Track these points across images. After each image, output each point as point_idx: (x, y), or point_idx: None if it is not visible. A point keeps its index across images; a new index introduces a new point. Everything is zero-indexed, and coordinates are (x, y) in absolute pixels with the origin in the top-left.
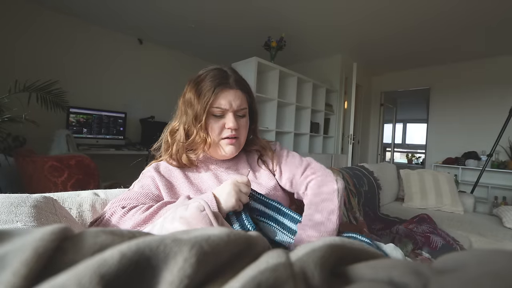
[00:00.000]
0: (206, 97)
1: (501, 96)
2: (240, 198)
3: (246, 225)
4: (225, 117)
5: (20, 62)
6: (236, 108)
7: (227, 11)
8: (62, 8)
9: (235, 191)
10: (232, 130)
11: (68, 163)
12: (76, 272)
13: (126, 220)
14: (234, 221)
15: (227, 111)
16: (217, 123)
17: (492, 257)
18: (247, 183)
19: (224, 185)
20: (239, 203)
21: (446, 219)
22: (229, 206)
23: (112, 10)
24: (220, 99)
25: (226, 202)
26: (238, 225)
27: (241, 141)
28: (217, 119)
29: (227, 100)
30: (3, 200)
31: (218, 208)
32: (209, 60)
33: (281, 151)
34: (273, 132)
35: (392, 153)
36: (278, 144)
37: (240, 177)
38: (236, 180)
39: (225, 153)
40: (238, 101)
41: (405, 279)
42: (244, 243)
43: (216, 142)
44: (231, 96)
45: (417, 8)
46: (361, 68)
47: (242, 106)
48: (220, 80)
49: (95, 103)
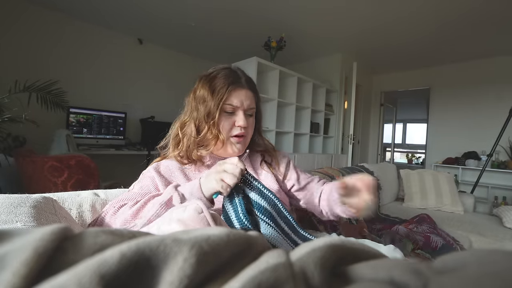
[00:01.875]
0: (220, 94)
1: (501, 96)
2: (222, 178)
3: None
4: (235, 115)
5: (21, 62)
6: (246, 107)
7: (227, 10)
8: (63, 8)
9: (216, 170)
10: (242, 128)
11: (68, 163)
12: (76, 272)
13: (117, 218)
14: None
15: (238, 109)
16: (228, 121)
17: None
18: (236, 164)
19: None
20: (221, 184)
21: (446, 219)
22: (209, 188)
23: (112, 10)
24: (232, 97)
25: (205, 185)
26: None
27: (248, 140)
28: (228, 116)
29: (239, 99)
30: (3, 200)
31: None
32: (209, 60)
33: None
34: (273, 132)
35: (392, 153)
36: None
37: (229, 159)
38: (222, 161)
39: (235, 150)
40: (249, 101)
41: (405, 278)
42: (244, 243)
43: (226, 139)
44: (243, 95)
45: (417, 8)
46: (361, 67)
47: (251, 106)
48: (233, 79)
49: (95, 103)
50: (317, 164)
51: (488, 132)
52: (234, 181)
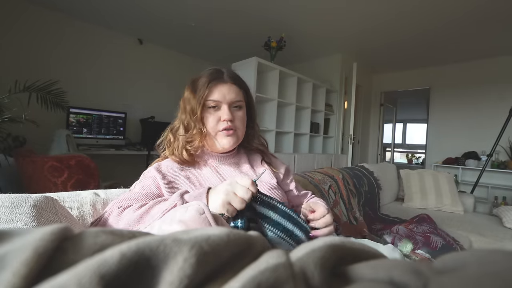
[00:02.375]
0: (201, 92)
1: (501, 96)
2: (230, 201)
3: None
4: (220, 110)
5: (21, 62)
6: (229, 101)
7: (227, 10)
8: (63, 8)
9: (226, 191)
10: (228, 122)
11: (68, 163)
12: (76, 272)
13: (120, 220)
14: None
15: (221, 103)
16: (213, 116)
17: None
18: (249, 186)
19: (222, 184)
20: (227, 208)
21: (446, 219)
22: (215, 207)
23: (113, 10)
24: (214, 93)
25: (211, 202)
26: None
27: (239, 134)
28: (213, 111)
29: (222, 93)
30: (3, 200)
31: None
32: (209, 60)
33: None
34: (273, 132)
35: (392, 153)
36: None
37: (241, 178)
38: (234, 181)
39: (222, 144)
40: (233, 94)
41: (405, 278)
42: (244, 243)
43: (212, 134)
44: (225, 89)
45: (417, 9)
46: (361, 68)
47: (236, 99)
48: (215, 76)
49: (95, 103)
50: (317, 164)
51: (488, 132)
52: (243, 206)
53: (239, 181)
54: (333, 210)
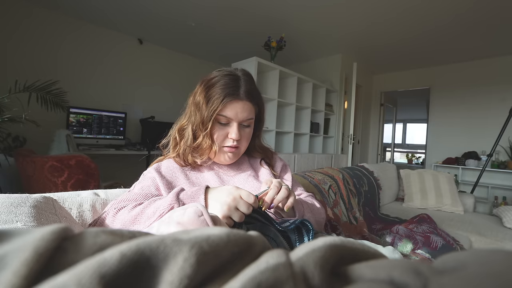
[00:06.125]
0: (214, 105)
1: (501, 96)
2: (230, 215)
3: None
4: (229, 126)
5: (21, 62)
6: (241, 119)
7: (227, 10)
8: (63, 7)
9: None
10: (234, 141)
11: (68, 163)
12: (76, 272)
13: (115, 220)
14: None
15: (232, 121)
16: (221, 131)
17: (492, 257)
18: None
19: (224, 192)
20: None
21: (446, 219)
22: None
23: (113, 10)
24: (227, 109)
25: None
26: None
27: (241, 151)
28: (222, 127)
29: (234, 112)
30: (3, 200)
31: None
32: (209, 60)
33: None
34: (273, 132)
35: (392, 153)
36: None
37: (246, 194)
38: (238, 195)
39: (227, 159)
40: (246, 113)
41: (405, 278)
42: (244, 243)
43: (218, 149)
44: (239, 107)
45: (418, 9)
46: (361, 68)
47: (248, 117)
48: (230, 90)
49: (95, 103)
50: (317, 164)
51: (488, 132)
52: (242, 220)
53: (243, 195)
54: (333, 210)
